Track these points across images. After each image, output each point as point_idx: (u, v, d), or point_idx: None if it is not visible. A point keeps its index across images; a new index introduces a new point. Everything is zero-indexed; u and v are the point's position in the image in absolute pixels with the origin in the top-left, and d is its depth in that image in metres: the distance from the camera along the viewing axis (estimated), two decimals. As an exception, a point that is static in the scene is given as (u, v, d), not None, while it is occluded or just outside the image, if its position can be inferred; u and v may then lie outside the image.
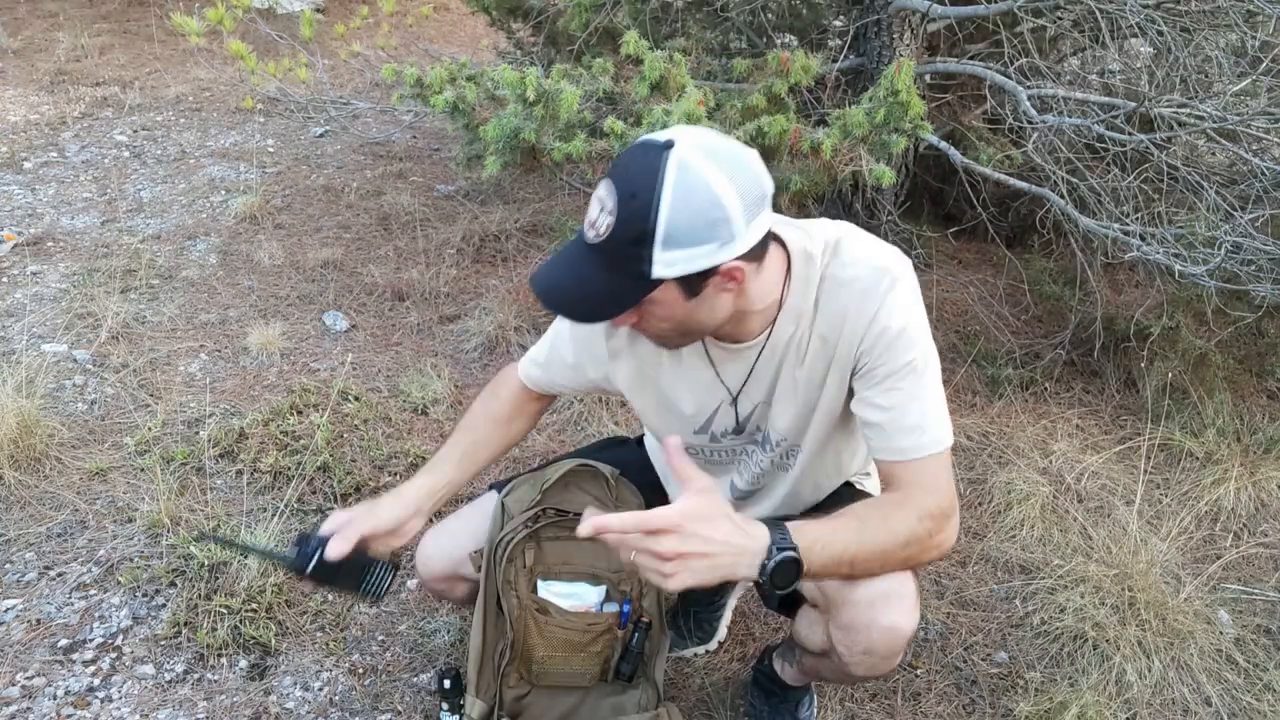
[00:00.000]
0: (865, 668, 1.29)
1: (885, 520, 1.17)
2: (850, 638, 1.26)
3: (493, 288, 3.18)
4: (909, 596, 1.24)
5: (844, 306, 1.21)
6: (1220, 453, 2.50)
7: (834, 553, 1.11)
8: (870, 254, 1.22)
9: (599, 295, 1.12)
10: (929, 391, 1.22)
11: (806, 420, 1.34)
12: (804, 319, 1.24)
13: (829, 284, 1.22)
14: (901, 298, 1.19)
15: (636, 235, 1.06)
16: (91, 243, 3.37)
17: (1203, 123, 2.32)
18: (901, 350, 1.19)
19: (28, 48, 5.50)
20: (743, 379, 1.32)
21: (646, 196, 1.04)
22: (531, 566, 1.50)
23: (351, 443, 2.37)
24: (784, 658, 1.65)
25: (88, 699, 1.69)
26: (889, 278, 1.19)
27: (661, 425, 1.44)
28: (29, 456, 2.22)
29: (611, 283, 1.10)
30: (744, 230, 1.08)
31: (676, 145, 1.06)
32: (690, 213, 1.05)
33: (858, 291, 1.20)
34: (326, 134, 4.63)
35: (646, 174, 1.05)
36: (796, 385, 1.30)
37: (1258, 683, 1.89)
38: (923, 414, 1.21)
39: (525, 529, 1.48)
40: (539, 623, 1.50)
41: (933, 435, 1.21)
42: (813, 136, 2.32)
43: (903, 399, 1.20)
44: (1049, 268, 3.05)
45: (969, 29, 3.04)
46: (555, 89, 2.34)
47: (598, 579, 1.51)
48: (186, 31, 3.34)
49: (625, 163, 1.08)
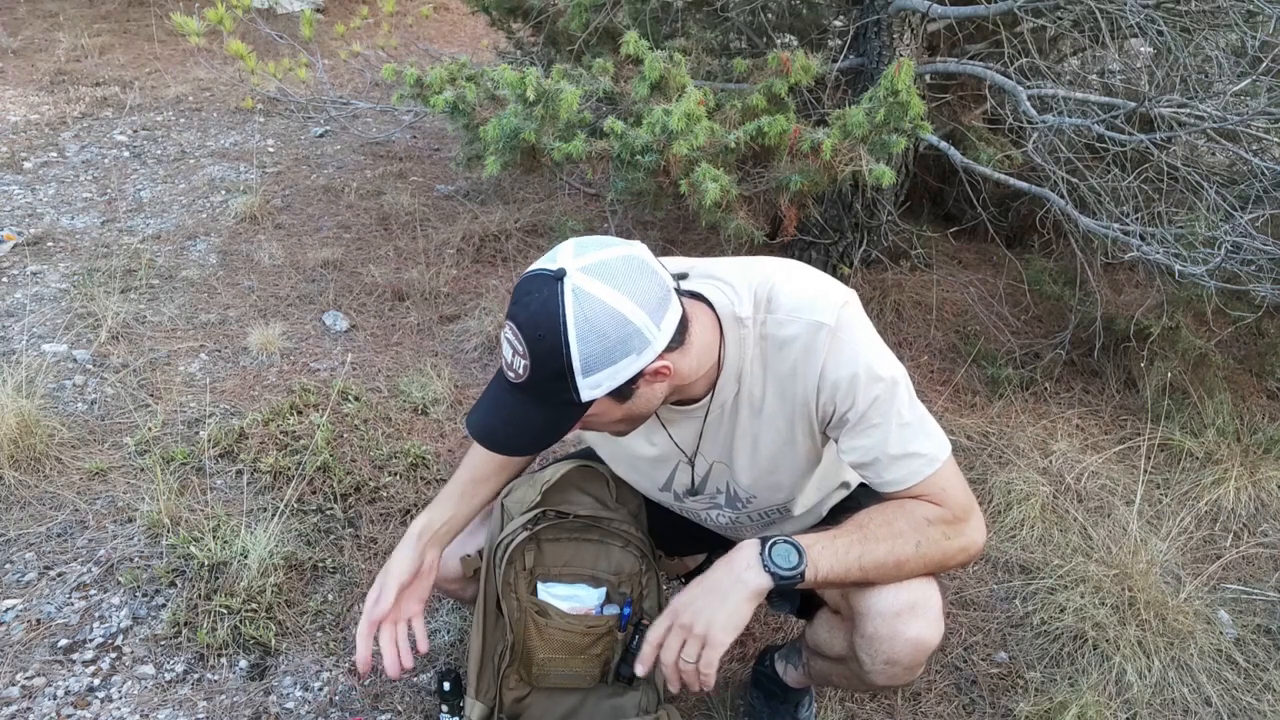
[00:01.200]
0: (887, 678, 1.29)
1: (889, 524, 1.19)
2: (873, 647, 1.26)
3: (493, 288, 3.18)
4: (934, 609, 1.24)
5: (791, 365, 1.21)
6: (1220, 453, 2.50)
7: (838, 552, 1.15)
8: (804, 306, 1.20)
9: (536, 429, 1.14)
10: (905, 415, 1.21)
11: (773, 473, 1.34)
12: (748, 379, 1.24)
13: (770, 344, 1.22)
14: (846, 345, 1.19)
15: (554, 372, 1.08)
16: (91, 243, 3.37)
17: (1203, 123, 2.32)
18: (863, 391, 1.19)
19: (28, 48, 5.50)
20: (695, 439, 1.33)
21: (553, 336, 1.06)
22: (531, 568, 1.49)
23: (351, 443, 2.37)
24: (787, 659, 1.65)
25: (88, 699, 1.69)
26: (826, 330, 1.18)
27: (629, 480, 1.48)
28: (29, 456, 2.22)
29: (545, 416, 1.13)
30: (656, 332, 1.10)
31: (568, 274, 1.07)
32: (599, 338, 1.06)
33: (800, 350, 1.20)
34: (326, 134, 4.63)
35: (546, 312, 1.06)
36: (757, 444, 1.30)
37: (1258, 683, 1.89)
38: (906, 441, 1.20)
39: (525, 530, 1.48)
40: (539, 625, 1.50)
41: (924, 456, 1.21)
42: (813, 136, 2.32)
43: (880, 435, 1.20)
44: (1049, 268, 3.05)
45: (969, 29, 3.04)
46: (555, 89, 2.34)
47: (598, 581, 1.51)
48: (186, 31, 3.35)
49: (524, 303, 1.08)
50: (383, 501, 2.22)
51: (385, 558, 2.05)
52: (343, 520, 2.15)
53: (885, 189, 2.86)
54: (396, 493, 2.24)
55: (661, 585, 1.54)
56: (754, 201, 2.58)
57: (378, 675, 1.79)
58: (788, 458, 1.31)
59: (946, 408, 2.69)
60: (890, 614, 1.23)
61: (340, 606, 1.93)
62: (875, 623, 1.24)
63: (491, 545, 1.50)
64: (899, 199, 3.26)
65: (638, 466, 1.43)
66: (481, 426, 1.18)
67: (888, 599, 1.23)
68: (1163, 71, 2.46)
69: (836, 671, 1.44)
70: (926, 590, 1.24)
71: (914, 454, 1.21)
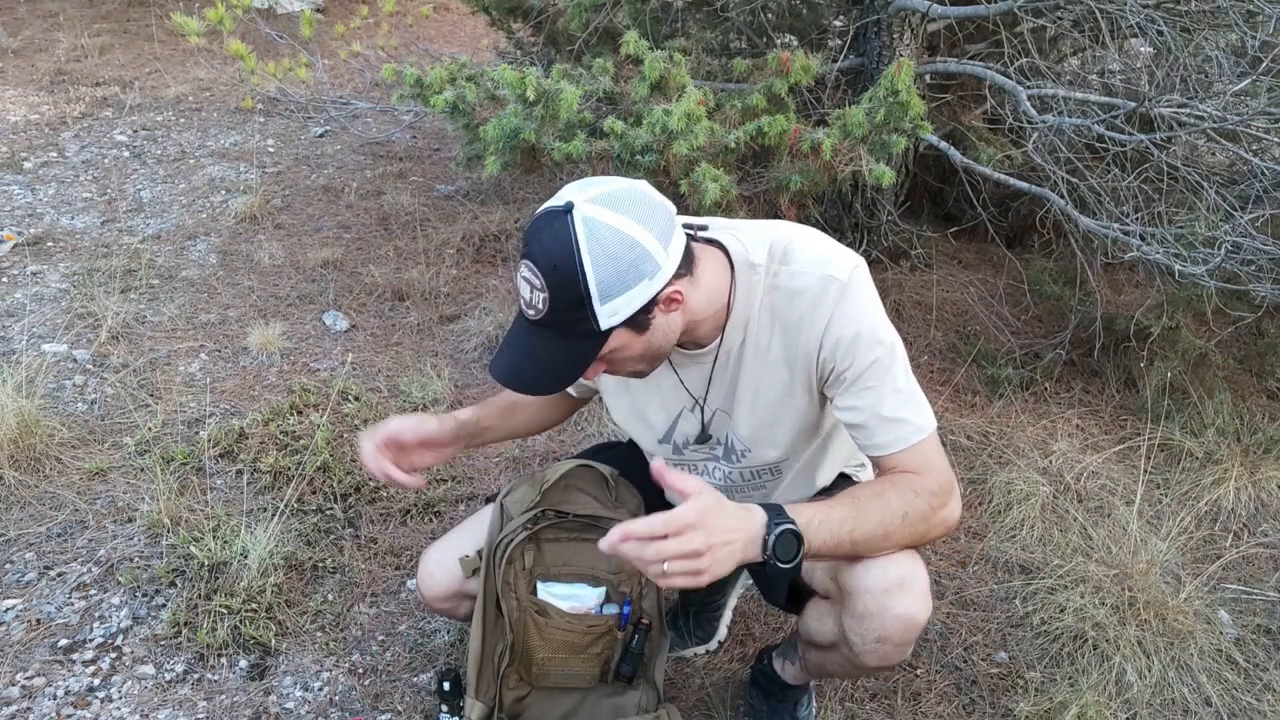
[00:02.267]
0: (878, 657, 1.30)
1: (880, 496, 1.21)
2: (864, 626, 1.27)
3: (493, 288, 3.18)
4: (921, 585, 1.26)
5: (798, 317, 1.24)
6: (1220, 453, 2.50)
7: (832, 528, 1.16)
8: (818, 261, 1.24)
9: (560, 364, 1.17)
10: (900, 382, 1.25)
11: (771, 431, 1.36)
12: (755, 326, 1.27)
13: (780, 294, 1.25)
14: (853, 303, 1.22)
15: (574, 300, 1.11)
16: (91, 243, 3.37)
17: (1203, 123, 2.32)
18: (864, 352, 1.22)
19: (28, 48, 5.50)
20: (705, 384, 1.35)
21: (568, 265, 1.09)
22: (531, 568, 1.50)
23: (351, 443, 2.37)
24: (785, 656, 1.65)
25: (88, 699, 1.69)
26: (837, 285, 1.22)
27: (630, 431, 1.49)
28: (29, 456, 2.22)
29: (568, 350, 1.15)
30: (665, 257, 1.13)
31: (576, 206, 1.11)
32: (613, 262, 1.10)
33: (808, 302, 1.23)
34: (326, 134, 4.63)
35: (559, 243, 1.10)
36: (758, 394, 1.32)
37: (1258, 683, 1.89)
38: (898, 406, 1.24)
39: (525, 530, 1.48)
40: (539, 625, 1.50)
41: (913, 424, 1.25)
42: (813, 136, 2.32)
43: (875, 398, 1.24)
44: (1049, 268, 3.05)
45: (969, 29, 3.04)
46: (555, 89, 2.34)
47: (597, 580, 1.51)
48: (186, 31, 3.35)
49: (536, 239, 1.12)
50: (383, 501, 2.22)
51: (385, 557, 2.06)
52: (343, 520, 2.15)
53: (885, 189, 2.86)
54: (396, 493, 2.24)
55: None
56: (754, 201, 2.59)
57: (378, 675, 1.80)
58: (786, 411, 1.33)
59: (946, 408, 2.69)
60: (879, 590, 1.24)
61: (340, 606, 1.93)
62: (864, 600, 1.25)
63: (491, 545, 1.50)
64: (899, 199, 3.26)
65: (643, 416, 1.44)
66: (505, 367, 1.19)
67: (875, 576, 1.24)
68: (1163, 71, 2.46)
69: (831, 660, 1.44)
70: (913, 567, 1.26)
71: (905, 420, 1.24)
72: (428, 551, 1.56)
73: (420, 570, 1.55)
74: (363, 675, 1.79)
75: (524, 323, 1.17)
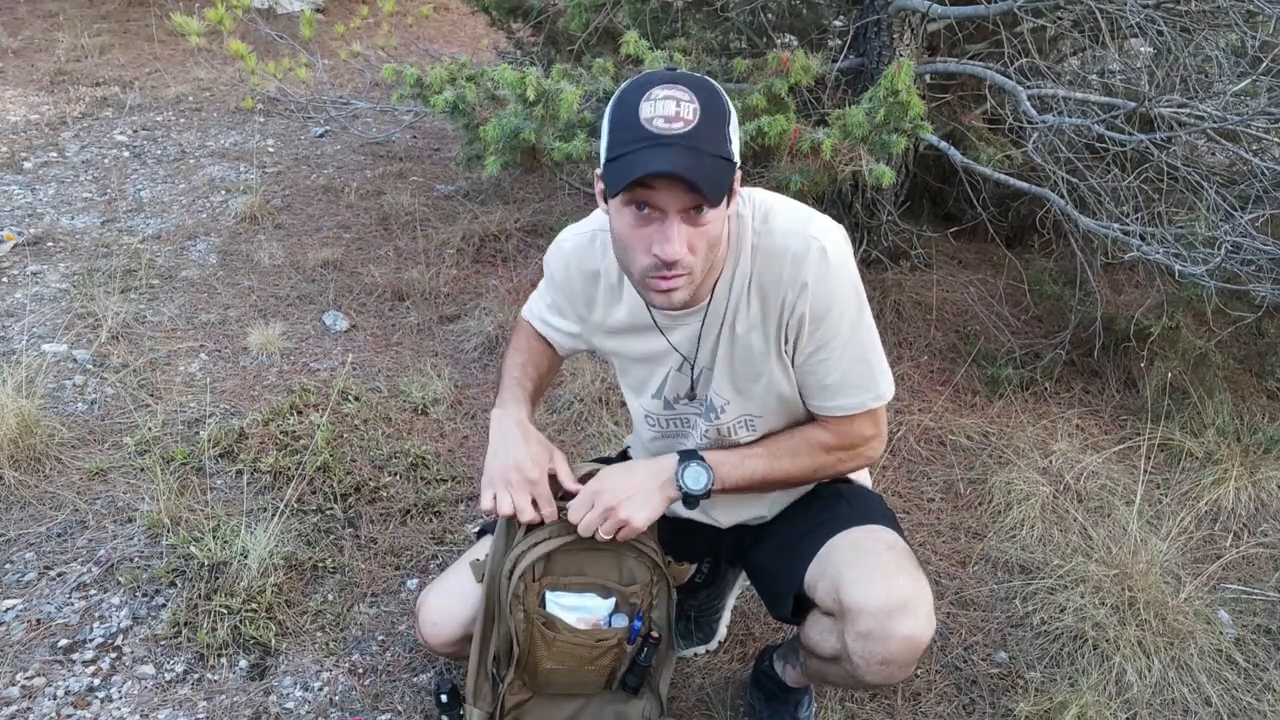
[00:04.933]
0: (881, 676, 1.30)
1: (794, 456, 1.37)
2: (868, 647, 1.27)
3: (493, 288, 3.18)
4: (924, 606, 1.26)
5: (778, 274, 1.26)
6: (1220, 453, 2.50)
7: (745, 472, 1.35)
8: (800, 222, 1.27)
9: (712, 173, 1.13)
10: (859, 351, 1.30)
11: (750, 387, 1.38)
12: (738, 285, 1.30)
13: (762, 252, 1.27)
14: (828, 266, 1.25)
15: (722, 112, 1.15)
16: (91, 243, 3.37)
17: (1203, 123, 2.32)
18: (834, 317, 1.26)
19: (28, 48, 5.50)
20: (694, 342, 1.36)
21: (708, 85, 1.16)
22: (540, 577, 1.46)
23: (351, 443, 2.37)
24: (786, 659, 1.65)
25: (88, 699, 1.69)
26: (818, 245, 1.24)
27: (629, 383, 1.50)
28: (29, 456, 2.22)
29: (713, 164, 1.13)
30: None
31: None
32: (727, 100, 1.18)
33: (790, 259, 1.25)
34: (326, 134, 4.63)
35: (697, 77, 1.16)
36: (734, 350, 1.35)
37: (1258, 683, 1.89)
38: (857, 374, 1.31)
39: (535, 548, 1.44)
40: (546, 638, 1.46)
41: (868, 394, 1.32)
42: (813, 136, 2.32)
43: (834, 362, 1.29)
44: (1049, 268, 3.05)
45: (969, 29, 3.04)
46: (555, 89, 2.34)
47: (608, 591, 1.47)
48: (186, 31, 3.35)
49: (659, 74, 1.16)
50: (383, 501, 2.22)
51: (385, 557, 2.06)
52: (343, 520, 2.15)
53: (885, 189, 2.86)
54: (396, 493, 2.24)
55: (672, 595, 1.51)
56: (754, 201, 2.58)
57: (378, 675, 1.80)
58: (764, 369, 1.35)
59: (946, 408, 2.69)
60: (881, 613, 1.24)
61: (340, 606, 1.93)
62: (867, 621, 1.25)
63: (497, 555, 1.48)
64: (899, 199, 3.26)
65: (636, 373, 1.45)
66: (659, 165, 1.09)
67: (878, 598, 1.24)
68: (1163, 71, 2.46)
69: (832, 671, 1.44)
70: (917, 588, 1.27)
71: (861, 388, 1.31)
72: (427, 598, 1.53)
73: (422, 618, 1.52)
74: (363, 675, 1.79)
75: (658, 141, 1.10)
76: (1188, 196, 2.52)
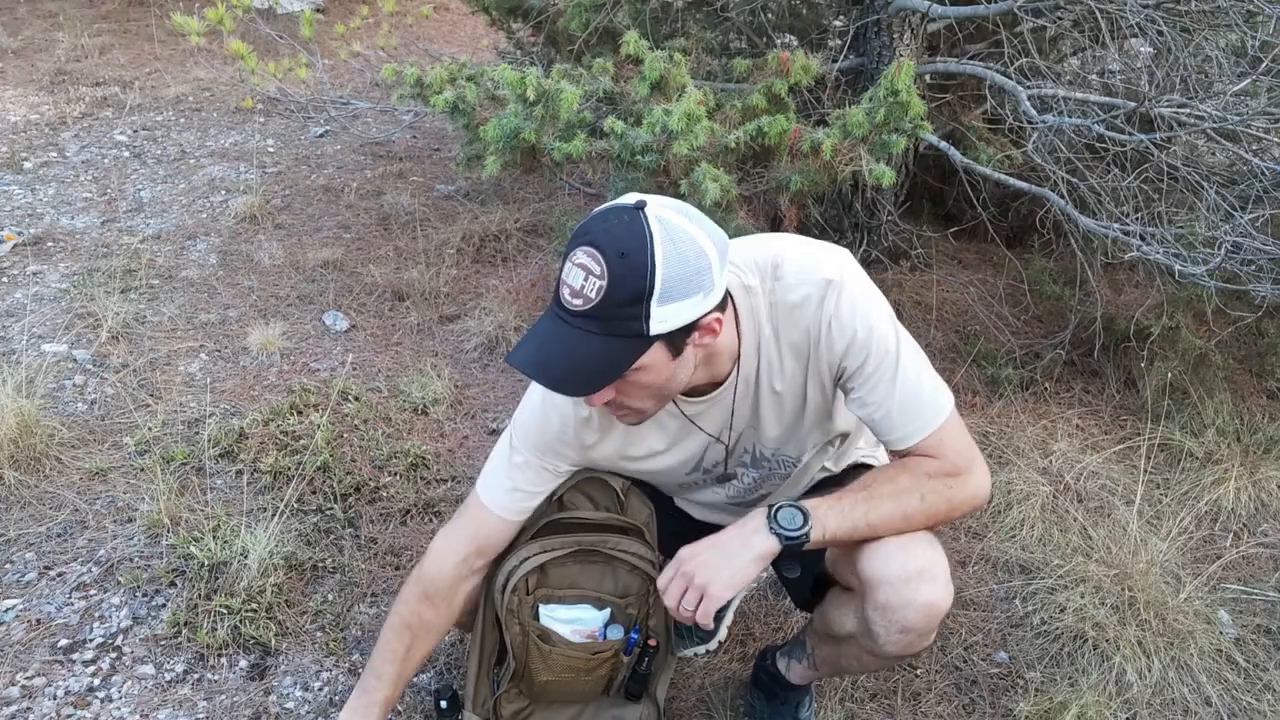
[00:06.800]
0: (901, 646, 1.30)
1: (893, 481, 1.24)
2: (887, 617, 1.27)
3: (493, 288, 3.18)
4: (942, 572, 1.26)
5: (804, 325, 1.25)
6: (1220, 453, 2.50)
7: (844, 512, 1.20)
8: (808, 267, 1.25)
9: (594, 363, 1.12)
10: (908, 372, 1.26)
11: (796, 428, 1.38)
12: (766, 348, 1.28)
13: (781, 309, 1.26)
14: (851, 300, 1.23)
15: (632, 294, 1.08)
16: (91, 243, 3.37)
17: (1203, 123, 2.32)
18: (873, 347, 1.24)
19: (28, 48, 5.50)
20: (725, 421, 1.35)
21: (639, 254, 1.07)
22: (534, 590, 1.46)
23: (351, 443, 2.37)
24: (791, 655, 1.65)
25: (88, 699, 1.69)
26: (833, 287, 1.23)
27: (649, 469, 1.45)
28: (29, 456, 2.22)
29: (606, 349, 1.11)
30: (720, 278, 1.13)
31: (649, 204, 1.11)
32: (682, 264, 1.08)
33: (812, 308, 1.24)
34: (326, 134, 4.62)
35: (632, 233, 1.08)
36: (780, 401, 1.33)
37: (1258, 683, 1.89)
38: (910, 397, 1.25)
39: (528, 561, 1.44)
40: (542, 651, 1.46)
41: (928, 410, 1.26)
42: (813, 136, 2.32)
43: (885, 392, 1.25)
44: (1049, 268, 3.05)
45: (969, 29, 3.04)
46: (555, 89, 2.34)
47: (601, 603, 1.47)
48: (186, 31, 3.35)
49: (603, 228, 1.09)
50: (383, 501, 2.22)
51: (385, 557, 2.06)
52: (343, 520, 2.15)
53: (885, 189, 2.86)
54: (396, 493, 2.24)
55: None
56: (754, 201, 2.58)
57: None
58: (808, 411, 1.35)
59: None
60: (900, 581, 1.24)
61: (340, 606, 1.93)
62: (886, 591, 1.25)
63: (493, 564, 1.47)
64: (899, 199, 3.26)
65: (661, 469, 1.43)
66: (532, 360, 1.13)
67: (895, 567, 1.24)
68: (1163, 71, 2.45)
69: (846, 653, 1.44)
70: (933, 555, 1.26)
71: (919, 410, 1.25)
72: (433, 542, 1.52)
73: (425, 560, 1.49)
74: (363, 675, 1.79)
75: (560, 315, 1.12)
76: (1188, 196, 2.52)
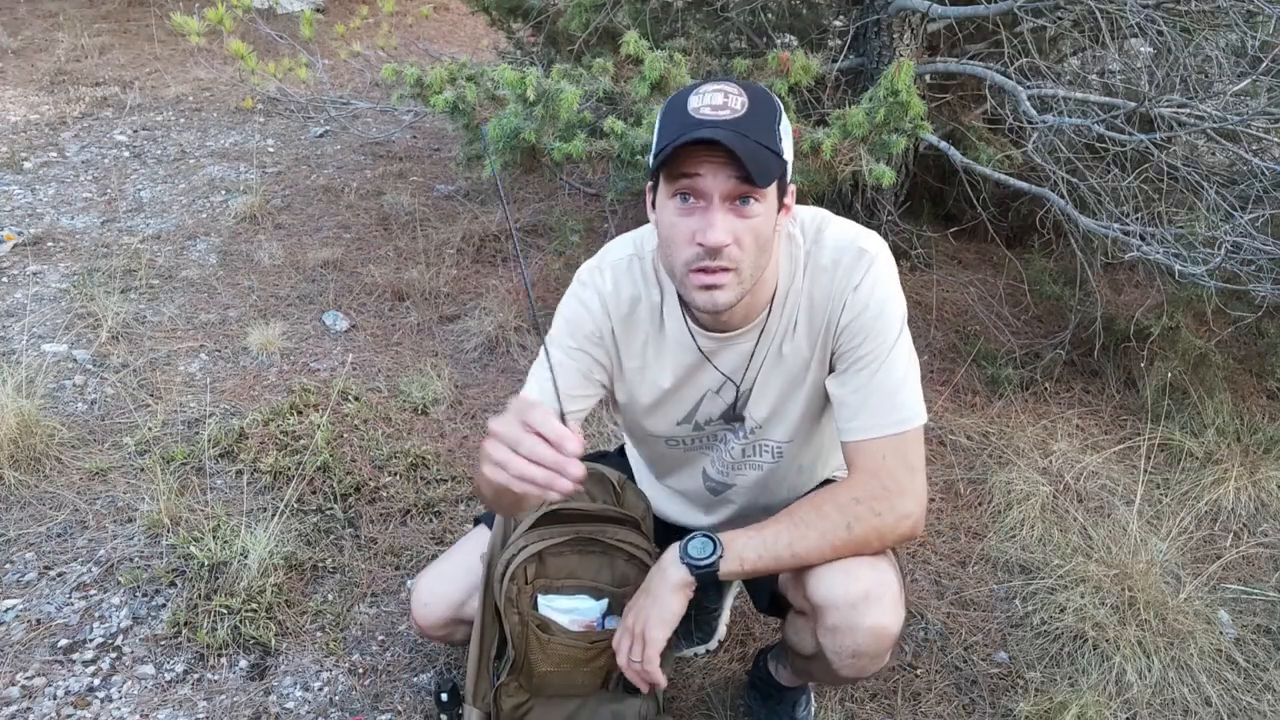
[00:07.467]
0: (853, 670, 1.29)
1: (818, 509, 1.23)
2: (837, 641, 1.25)
3: (493, 288, 3.18)
4: (890, 595, 1.24)
5: (827, 289, 1.26)
6: (1220, 453, 2.49)
7: (765, 542, 1.22)
8: (850, 237, 1.28)
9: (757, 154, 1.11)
10: (896, 372, 1.25)
11: (785, 406, 1.36)
12: (791, 299, 1.29)
13: (814, 267, 1.27)
14: (876, 278, 1.25)
15: (771, 107, 1.14)
16: (91, 243, 3.37)
17: (1203, 123, 2.32)
18: (874, 332, 1.24)
19: (28, 48, 5.50)
20: (742, 365, 1.34)
21: (759, 87, 1.16)
22: (532, 580, 1.46)
23: (351, 443, 2.37)
24: (777, 659, 1.65)
25: (88, 699, 1.69)
26: (868, 257, 1.25)
27: (649, 418, 1.44)
28: (29, 456, 2.22)
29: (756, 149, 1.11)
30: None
31: None
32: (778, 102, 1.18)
33: (841, 273, 1.25)
34: (326, 134, 4.62)
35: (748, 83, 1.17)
36: (779, 368, 1.33)
37: (1258, 683, 1.89)
38: (883, 394, 1.24)
39: (527, 547, 1.44)
40: (541, 641, 1.46)
41: (890, 419, 1.24)
42: (813, 136, 2.32)
43: (865, 379, 1.25)
44: (1049, 268, 3.05)
45: (969, 29, 3.04)
46: (555, 89, 2.34)
47: (600, 593, 1.47)
48: (186, 31, 3.35)
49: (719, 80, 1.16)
50: (383, 501, 2.22)
51: (385, 557, 2.06)
52: (343, 520, 2.15)
53: (885, 189, 2.86)
54: (396, 493, 2.24)
55: None
56: (754, 201, 2.58)
57: (378, 675, 1.80)
58: (802, 388, 1.34)
59: (946, 408, 2.69)
60: (846, 605, 1.22)
61: (340, 606, 1.93)
62: (833, 615, 1.24)
63: (493, 552, 1.48)
64: (899, 199, 3.26)
65: (662, 402, 1.40)
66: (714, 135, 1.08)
67: (841, 590, 1.22)
68: (1163, 71, 2.46)
69: (815, 669, 1.44)
70: (882, 576, 1.24)
71: (886, 408, 1.24)
72: (420, 580, 1.54)
73: (414, 599, 1.52)
74: (363, 675, 1.79)
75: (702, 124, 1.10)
76: (1188, 196, 2.52)
